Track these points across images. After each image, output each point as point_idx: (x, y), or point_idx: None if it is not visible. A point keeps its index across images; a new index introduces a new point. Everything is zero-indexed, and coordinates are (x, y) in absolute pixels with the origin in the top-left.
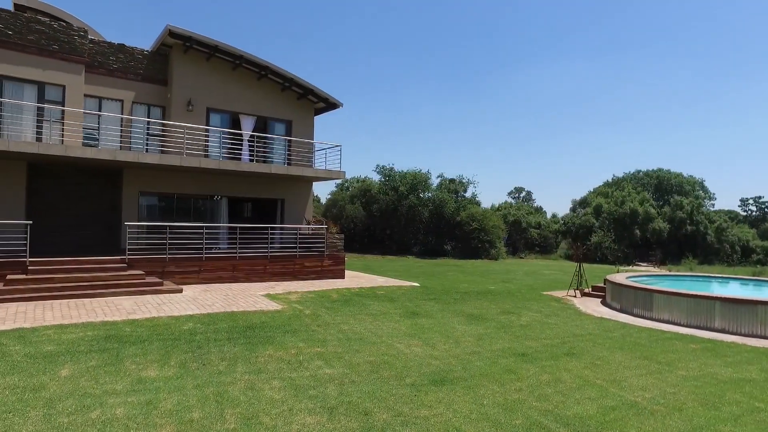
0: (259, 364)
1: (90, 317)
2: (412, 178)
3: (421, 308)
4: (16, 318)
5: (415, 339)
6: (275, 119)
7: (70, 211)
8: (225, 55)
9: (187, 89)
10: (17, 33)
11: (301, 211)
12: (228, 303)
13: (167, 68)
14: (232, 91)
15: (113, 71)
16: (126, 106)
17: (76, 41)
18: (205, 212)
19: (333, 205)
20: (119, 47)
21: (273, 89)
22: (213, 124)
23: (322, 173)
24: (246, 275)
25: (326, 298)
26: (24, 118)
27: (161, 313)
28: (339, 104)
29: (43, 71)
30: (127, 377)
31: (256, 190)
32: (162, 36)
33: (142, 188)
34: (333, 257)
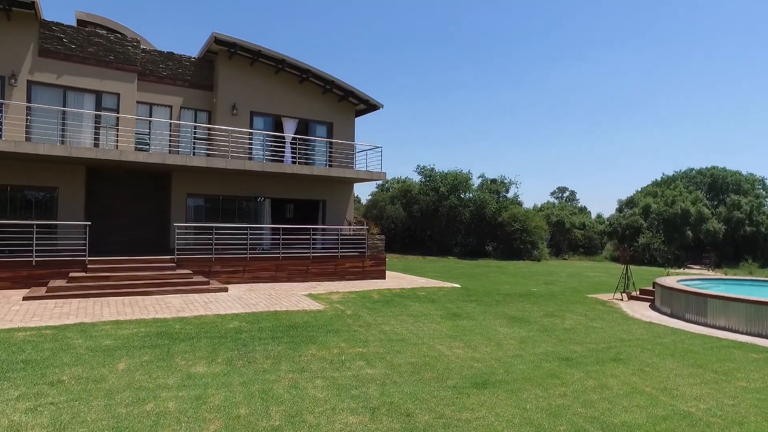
0: (302, 363)
1: (142, 314)
2: (452, 178)
3: (463, 310)
4: (78, 313)
5: (457, 341)
6: (317, 121)
7: (123, 212)
8: (268, 59)
9: (231, 94)
10: (79, 46)
11: (342, 212)
12: (271, 302)
13: (213, 74)
14: (274, 94)
15: (163, 78)
16: (174, 111)
17: (130, 51)
18: (249, 213)
19: (373, 206)
20: (168, 55)
21: (314, 92)
22: (256, 127)
23: (363, 174)
24: (288, 275)
25: (367, 299)
26: (84, 126)
27: (208, 311)
28: (379, 105)
29: (100, 81)
30: (177, 372)
31: (299, 192)
32: (208, 43)
33: (190, 190)
34: (374, 258)
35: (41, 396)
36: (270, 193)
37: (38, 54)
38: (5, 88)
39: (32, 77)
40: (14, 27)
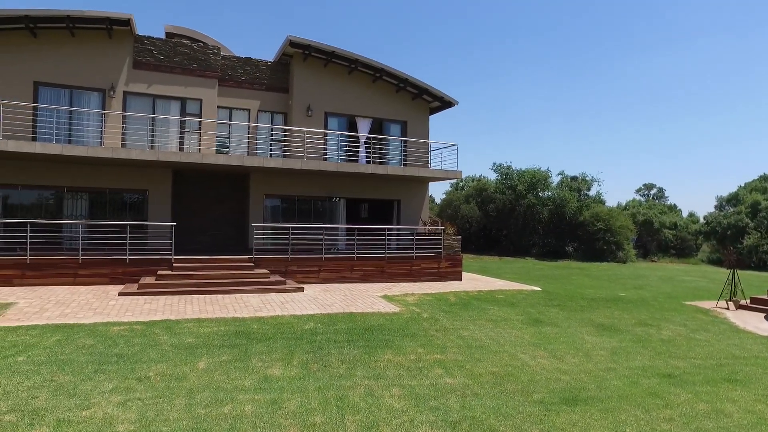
0: (378, 369)
1: (222, 313)
2: (530, 176)
3: (545, 315)
4: (164, 310)
5: (541, 349)
6: (390, 120)
7: (206, 212)
8: (341, 60)
9: (306, 95)
10: (166, 57)
11: (417, 212)
12: (347, 303)
13: (288, 77)
14: (348, 94)
15: (241, 83)
16: (252, 114)
17: (211, 59)
18: (324, 213)
19: (448, 205)
20: (246, 60)
21: (388, 91)
22: (331, 127)
23: (438, 173)
24: (363, 275)
25: (444, 301)
26: (170, 131)
27: (285, 311)
28: (454, 102)
29: (185, 88)
30: (254, 374)
31: (373, 191)
32: (283, 46)
33: (267, 191)
34: (450, 259)
35: (130, 391)
36: (345, 193)
37: (132, 66)
38: (105, 99)
39: (127, 88)
40: (114, 44)
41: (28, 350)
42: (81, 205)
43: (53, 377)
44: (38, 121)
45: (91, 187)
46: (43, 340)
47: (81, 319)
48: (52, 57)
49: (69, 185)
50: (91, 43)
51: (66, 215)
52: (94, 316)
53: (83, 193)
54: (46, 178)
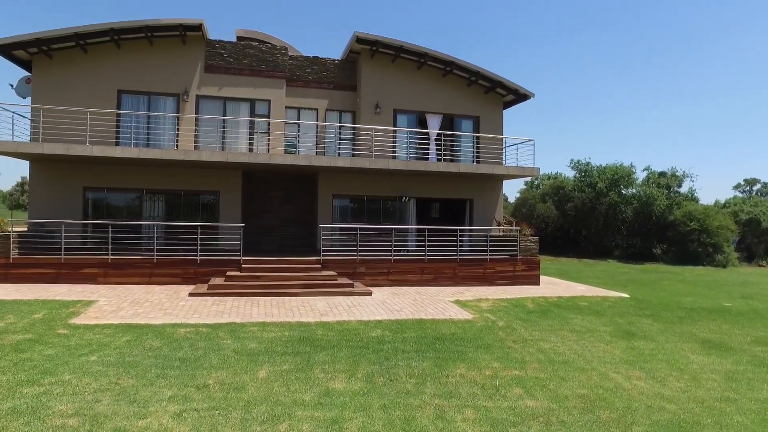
0: (449, 386)
1: (287, 317)
2: (612, 172)
3: (637, 327)
4: (231, 312)
5: (636, 368)
6: (462, 116)
7: (275, 213)
8: (410, 54)
9: (374, 93)
10: (236, 59)
11: (490, 212)
12: (416, 309)
13: (356, 74)
14: (417, 90)
15: (309, 82)
16: (320, 113)
17: (279, 59)
18: (393, 213)
19: (522, 204)
20: (313, 60)
21: (459, 85)
22: (400, 125)
23: (513, 170)
24: (434, 278)
25: (521, 308)
26: (240, 132)
27: (351, 316)
28: (530, 95)
29: (254, 89)
30: (315, 387)
31: (444, 191)
32: (350, 43)
33: (335, 191)
34: (526, 262)
35: (188, 400)
36: (415, 192)
37: (204, 70)
38: (179, 103)
39: (199, 92)
40: (187, 49)
41: (101, 350)
42: (158, 206)
43: (118, 380)
44: (120, 126)
45: (167, 189)
46: (115, 339)
47: (151, 320)
48: (133, 66)
49: (147, 187)
50: (167, 50)
51: (145, 216)
52: (163, 316)
53: (160, 195)
54: (128, 180)
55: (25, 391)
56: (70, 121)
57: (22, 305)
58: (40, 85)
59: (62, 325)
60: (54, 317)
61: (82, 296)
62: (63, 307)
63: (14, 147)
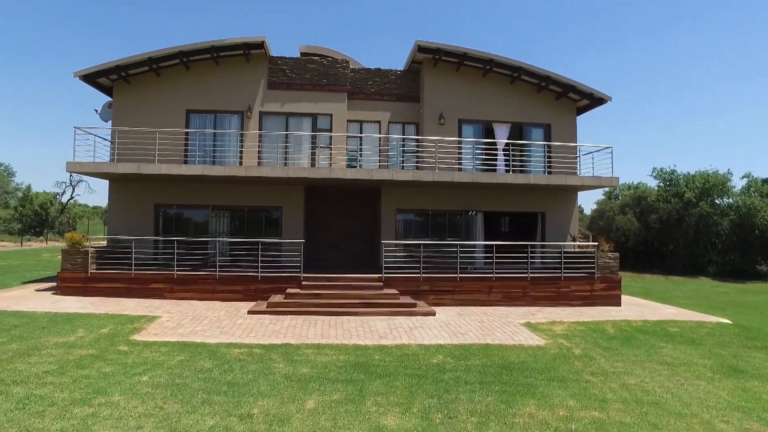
0: (516, 428)
1: (344, 339)
2: (702, 181)
3: (746, 361)
4: (287, 332)
5: (752, 418)
6: (531, 124)
7: (337, 228)
8: (474, 61)
9: (438, 103)
10: (298, 75)
11: (564, 226)
12: (482, 332)
13: (418, 85)
14: (483, 99)
15: (371, 95)
16: (383, 126)
17: (340, 73)
18: (459, 228)
19: (599, 217)
20: (375, 72)
21: (527, 91)
22: (465, 135)
23: (589, 181)
24: (503, 298)
25: (600, 333)
26: (302, 147)
27: (411, 339)
28: (606, 98)
29: (315, 104)
30: (365, 422)
31: (514, 204)
32: (412, 53)
33: (399, 205)
34: (605, 280)
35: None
36: (482, 206)
37: (267, 87)
38: (244, 120)
39: (262, 108)
40: (251, 67)
41: (154, 369)
42: (223, 222)
43: (164, 404)
44: (189, 144)
45: (232, 205)
46: (169, 359)
47: (207, 338)
48: (200, 85)
49: (214, 204)
50: (232, 69)
51: (211, 232)
52: (220, 335)
53: (225, 211)
54: (195, 197)
55: (75, 412)
56: (143, 142)
57: (93, 319)
58: (119, 108)
59: (124, 341)
60: (118, 332)
61: (148, 311)
62: (128, 322)
63: (94, 167)
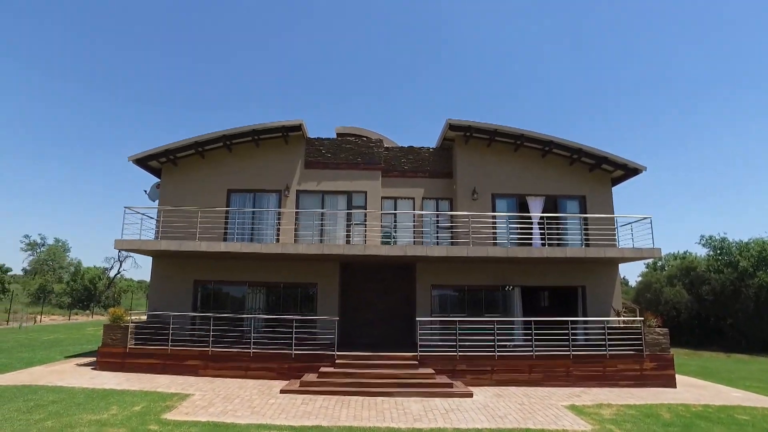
0: None
1: (378, 421)
2: (759, 248)
3: None
4: (318, 414)
5: None
6: (566, 196)
7: (372, 305)
8: (505, 137)
9: (470, 178)
10: (333, 155)
11: (606, 300)
12: (523, 415)
13: (451, 161)
14: (515, 173)
15: (405, 172)
16: (417, 202)
17: (374, 151)
18: (497, 304)
19: (646, 289)
20: (408, 150)
21: (560, 164)
22: (499, 209)
23: (629, 253)
24: (544, 377)
25: (654, 418)
26: (338, 224)
27: (447, 423)
28: (641, 168)
29: (350, 182)
30: None
31: (552, 278)
32: (444, 130)
33: (434, 281)
34: (656, 358)
35: None
36: (519, 280)
37: (304, 166)
38: (281, 199)
39: (300, 187)
40: (289, 148)
41: None
42: (259, 299)
43: None
44: (228, 222)
45: (268, 282)
46: None
47: (238, 418)
48: (241, 166)
49: (251, 280)
50: (271, 150)
51: (248, 309)
52: (251, 415)
53: (261, 287)
54: (233, 274)
55: None
56: (186, 220)
57: (126, 396)
58: (167, 188)
59: (155, 420)
60: (150, 410)
61: (181, 389)
62: (161, 399)
63: (139, 244)
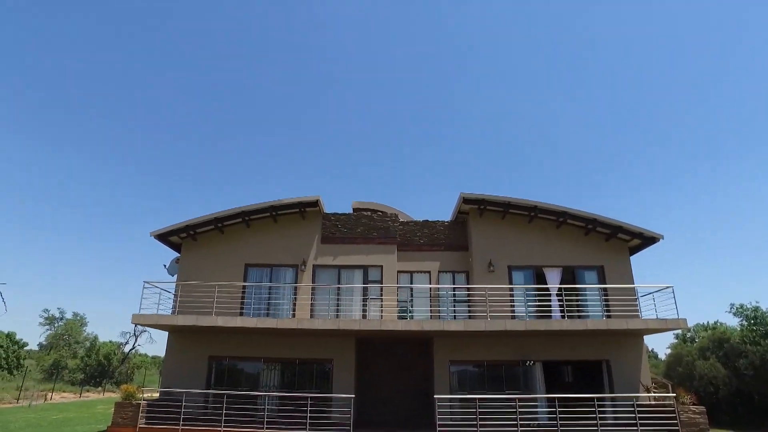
0: None
1: None
2: None
3: None
4: None
5: None
6: (583, 267)
7: (388, 382)
8: (519, 209)
9: (486, 251)
10: (349, 229)
11: (633, 374)
12: None
13: (466, 234)
14: (531, 244)
15: (420, 246)
16: (433, 276)
17: (390, 226)
18: (518, 379)
19: (677, 362)
20: (423, 223)
21: (575, 234)
22: (516, 281)
23: (653, 324)
24: None
25: None
26: (354, 298)
27: None
28: (658, 237)
29: (366, 256)
30: None
31: (574, 351)
32: (458, 204)
33: (452, 357)
34: None
35: None
36: (540, 354)
37: (321, 241)
38: (298, 273)
39: (316, 261)
40: (306, 223)
41: None
42: (274, 375)
43: None
44: (245, 297)
45: (283, 358)
46: None
47: None
48: (259, 241)
49: (266, 356)
50: (288, 226)
51: (262, 385)
52: None
53: (276, 363)
54: (249, 349)
55: None
56: (203, 294)
57: None
58: (186, 263)
59: None
60: None
61: None
62: None
63: (156, 319)
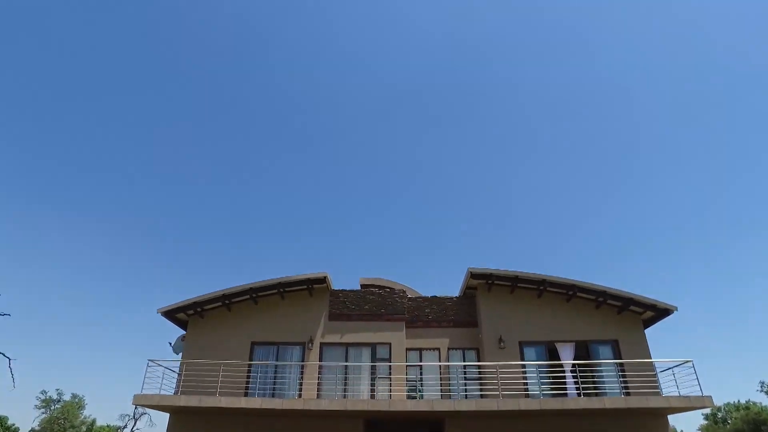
0: None
1: None
2: None
3: None
4: None
5: None
6: (597, 341)
7: None
8: (527, 283)
9: (496, 326)
10: (357, 306)
11: None
12: None
13: (475, 309)
14: (542, 319)
15: (429, 322)
16: (443, 353)
17: (398, 302)
18: None
19: None
20: (432, 299)
21: (587, 308)
22: (528, 357)
23: (676, 402)
24: None
25: None
26: (362, 377)
27: None
28: (672, 308)
29: (374, 333)
30: None
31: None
32: (466, 279)
33: None
34: None
35: None
36: None
37: (328, 318)
38: (305, 351)
39: (323, 339)
40: (313, 301)
41: None
42: None
43: None
44: (251, 376)
45: None
46: None
47: None
48: (266, 319)
49: None
50: (296, 303)
51: None
52: None
53: None
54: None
55: None
56: (208, 373)
57: None
58: (191, 340)
59: None
60: None
61: None
62: None
63: (158, 400)
